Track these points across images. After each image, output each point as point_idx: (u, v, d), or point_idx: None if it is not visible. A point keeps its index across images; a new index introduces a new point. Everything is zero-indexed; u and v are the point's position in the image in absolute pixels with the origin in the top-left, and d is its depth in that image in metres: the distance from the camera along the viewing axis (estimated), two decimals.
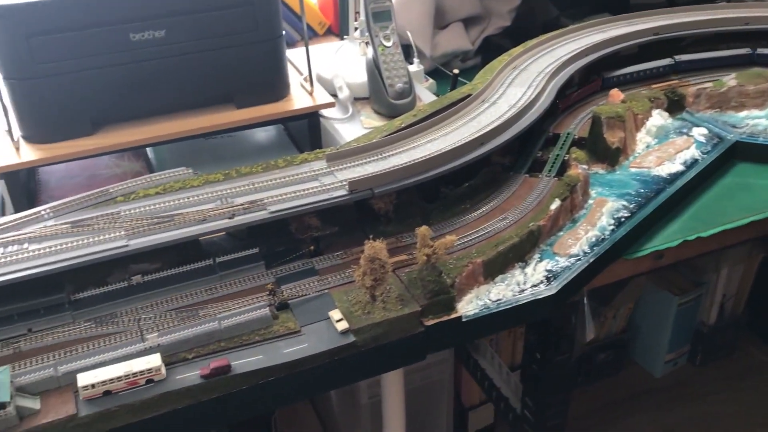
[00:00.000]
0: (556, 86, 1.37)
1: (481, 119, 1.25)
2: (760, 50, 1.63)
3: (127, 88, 1.23)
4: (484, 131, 1.19)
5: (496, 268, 1.08)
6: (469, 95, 1.32)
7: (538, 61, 1.47)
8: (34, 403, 0.86)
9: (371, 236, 0.98)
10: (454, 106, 1.28)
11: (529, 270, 1.10)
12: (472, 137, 1.17)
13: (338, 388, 1.48)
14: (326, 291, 1.03)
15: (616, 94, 1.45)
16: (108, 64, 1.20)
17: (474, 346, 1.70)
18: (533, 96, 1.31)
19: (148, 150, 1.46)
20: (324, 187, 1.08)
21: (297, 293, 1.02)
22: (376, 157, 1.16)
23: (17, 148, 1.21)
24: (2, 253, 0.95)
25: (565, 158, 1.28)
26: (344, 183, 1.08)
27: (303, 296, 1.02)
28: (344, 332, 0.96)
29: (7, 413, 0.82)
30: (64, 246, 0.96)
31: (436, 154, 1.13)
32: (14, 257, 0.94)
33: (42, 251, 0.95)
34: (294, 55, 1.54)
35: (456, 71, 1.52)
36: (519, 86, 1.36)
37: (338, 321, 0.97)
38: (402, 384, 1.27)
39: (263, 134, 1.58)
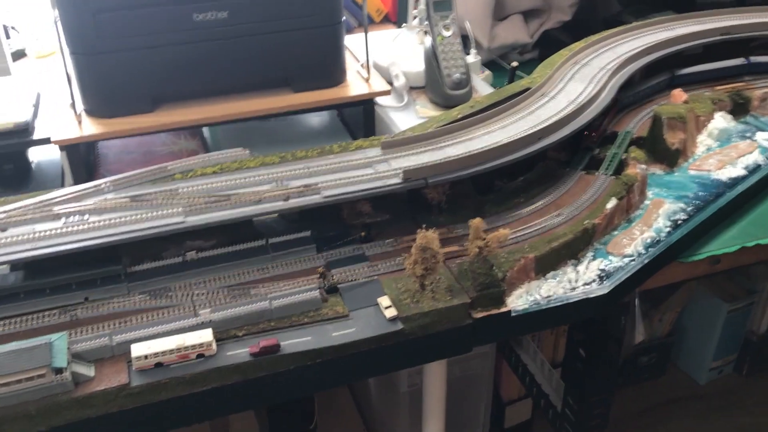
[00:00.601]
0: (618, 83, 1.34)
1: (539, 113, 1.23)
2: None
3: (188, 67, 1.25)
4: (543, 126, 1.17)
5: (548, 264, 1.07)
6: (528, 89, 1.30)
7: (600, 58, 1.44)
8: (88, 370, 0.88)
9: (424, 226, 0.98)
10: (512, 99, 1.26)
11: (581, 268, 1.08)
12: (530, 131, 1.15)
13: (382, 375, 1.48)
14: (375, 277, 1.03)
15: (679, 95, 1.42)
16: (171, 43, 1.22)
17: (516, 341, 1.69)
18: (594, 92, 1.28)
19: (204, 129, 1.48)
20: (378, 175, 1.08)
21: (346, 278, 1.03)
22: (431, 147, 1.15)
23: (79, 122, 1.24)
24: (64, 223, 0.98)
25: (623, 157, 1.26)
26: (398, 171, 1.08)
27: (352, 281, 1.03)
28: (392, 319, 0.96)
29: (63, 378, 0.85)
30: (123, 219, 0.98)
31: (492, 146, 1.11)
32: (75, 228, 0.96)
33: (101, 223, 0.97)
34: (351, 42, 1.54)
35: (515, 64, 1.51)
36: (579, 82, 1.34)
37: (387, 308, 0.97)
38: (444, 374, 1.27)
39: (316, 119, 1.58)
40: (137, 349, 0.88)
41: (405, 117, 1.40)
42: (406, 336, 0.96)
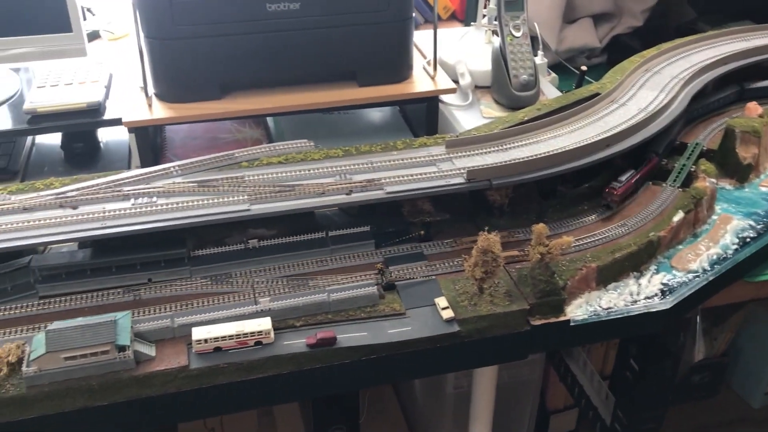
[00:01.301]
0: (691, 93, 1.30)
1: (608, 120, 1.21)
2: None
3: (258, 56, 1.26)
4: (611, 133, 1.15)
5: (610, 275, 1.05)
6: (597, 94, 1.28)
7: (673, 66, 1.41)
8: (150, 350, 0.90)
9: (486, 228, 0.97)
10: (580, 104, 1.24)
11: (643, 281, 1.06)
12: (599, 138, 1.13)
13: (434, 376, 1.48)
14: (433, 277, 1.03)
15: (754, 108, 1.37)
16: (243, 32, 1.23)
17: (567, 350, 1.66)
18: (665, 101, 1.25)
19: (268, 119, 1.49)
20: (441, 173, 1.08)
21: (404, 275, 1.03)
22: (496, 148, 1.14)
23: (149, 105, 1.26)
24: (132, 204, 1.00)
25: (692, 169, 1.23)
26: (462, 171, 1.07)
27: (410, 279, 1.02)
28: (449, 321, 0.96)
29: (126, 356, 0.86)
30: (189, 203, 1.00)
31: (559, 151, 1.10)
32: (143, 209, 0.98)
33: (169, 206, 0.99)
34: (417, 38, 1.53)
35: (584, 68, 1.48)
36: (651, 90, 1.31)
37: (444, 309, 0.97)
38: (495, 379, 1.26)
39: (378, 113, 1.58)
40: (198, 333, 0.90)
41: (469, 116, 1.38)
42: (461, 338, 0.95)
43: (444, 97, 1.41)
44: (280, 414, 1.74)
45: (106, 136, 1.44)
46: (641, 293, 1.04)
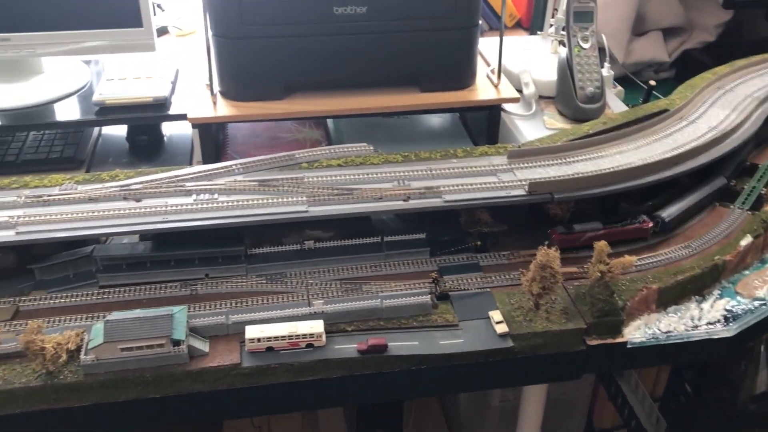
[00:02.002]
0: (765, 113, 1.26)
1: (676, 137, 1.17)
2: None
3: (323, 58, 1.26)
4: (680, 151, 1.11)
5: (671, 297, 1.01)
6: (666, 110, 1.24)
7: (747, 84, 1.36)
8: (204, 346, 0.91)
9: (546, 243, 0.95)
10: (648, 120, 1.21)
11: (706, 306, 1.03)
12: (666, 155, 1.10)
13: (484, 390, 1.45)
14: (488, 289, 1.02)
15: None
16: (309, 34, 1.23)
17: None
18: (738, 120, 1.21)
19: (329, 120, 1.49)
20: (502, 184, 1.06)
21: (458, 286, 1.02)
22: (559, 161, 1.12)
23: (214, 103, 1.28)
24: (194, 200, 1.01)
25: (762, 192, 1.18)
26: (523, 183, 1.05)
27: (464, 290, 1.01)
28: (503, 335, 0.94)
29: (180, 350, 0.88)
30: (249, 202, 1.01)
31: (625, 167, 1.07)
32: (204, 205, 1.00)
33: (229, 204, 1.00)
34: (482, 45, 1.51)
35: (652, 83, 1.44)
36: (722, 108, 1.26)
37: (498, 323, 0.95)
38: (544, 396, 1.24)
39: (438, 120, 1.57)
40: (251, 331, 0.90)
41: (531, 127, 1.36)
42: (514, 354, 0.94)
43: (507, 106, 1.39)
44: (324, 413, 1.74)
45: (170, 130, 1.47)
46: (703, 318, 1.01)
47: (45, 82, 1.41)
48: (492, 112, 1.37)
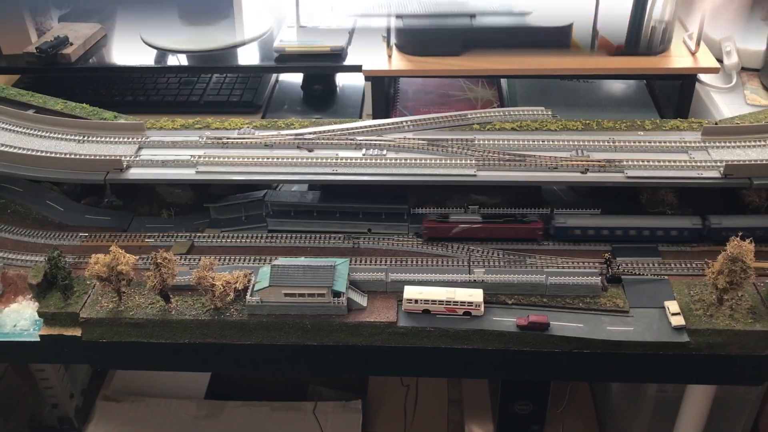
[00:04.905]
0: None
1: None
2: None
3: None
4: None
5: None
6: None
7: None
8: (362, 300, 0.91)
9: (740, 233, 0.85)
10: None
11: None
12: None
13: (648, 383, 1.37)
14: (665, 277, 0.93)
15: None
16: None
17: None
18: None
19: (502, 81, 1.43)
20: (693, 163, 0.97)
21: (632, 270, 0.94)
22: (762, 142, 1.00)
23: (389, 56, 1.26)
24: (363, 154, 1.01)
25: None
26: (719, 164, 0.95)
27: (638, 275, 0.94)
28: (678, 328, 0.87)
29: (340, 302, 0.88)
30: (417, 161, 0.99)
31: None
32: (373, 161, 0.99)
33: (398, 161, 0.99)
34: (679, 6, 1.37)
35: None
36: None
37: (674, 314, 0.88)
38: (711, 396, 1.14)
39: (621, 86, 1.46)
40: (409, 292, 0.89)
41: (730, 101, 1.23)
42: (689, 350, 0.86)
43: (703, 77, 1.26)
44: (467, 387, 1.73)
45: (343, 81, 1.47)
46: None
47: (231, 27, 1.46)
48: (686, 82, 1.25)
